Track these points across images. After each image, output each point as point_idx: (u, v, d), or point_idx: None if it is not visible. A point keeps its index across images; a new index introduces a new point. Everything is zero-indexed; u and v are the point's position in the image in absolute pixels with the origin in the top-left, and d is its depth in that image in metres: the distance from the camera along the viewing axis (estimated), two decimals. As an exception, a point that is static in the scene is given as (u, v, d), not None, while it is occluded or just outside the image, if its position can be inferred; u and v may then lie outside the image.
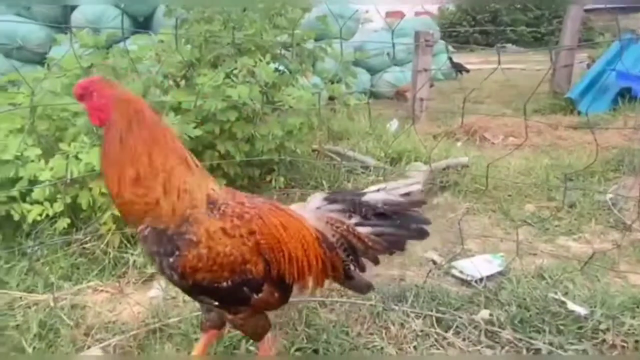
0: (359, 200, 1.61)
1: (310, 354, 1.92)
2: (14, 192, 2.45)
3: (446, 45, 9.63)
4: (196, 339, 1.81)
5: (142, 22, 7.04)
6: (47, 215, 2.49)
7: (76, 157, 2.51)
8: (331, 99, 4.08)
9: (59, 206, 2.48)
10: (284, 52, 3.57)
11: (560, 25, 8.72)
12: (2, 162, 2.43)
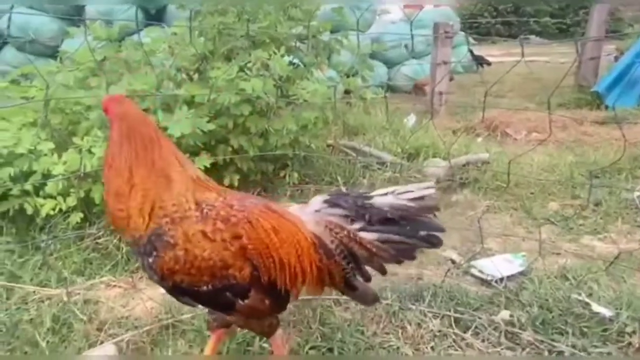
0: (362, 204, 1.51)
1: (324, 353, 1.89)
2: (27, 186, 2.46)
3: (466, 36, 9.42)
4: (209, 336, 1.79)
5: (154, 15, 7.07)
6: (60, 210, 2.50)
7: (89, 151, 2.51)
8: (347, 92, 4.03)
9: (72, 200, 2.50)
10: (298, 44, 3.54)
11: (586, 15, 8.51)
12: (15, 156, 2.44)
